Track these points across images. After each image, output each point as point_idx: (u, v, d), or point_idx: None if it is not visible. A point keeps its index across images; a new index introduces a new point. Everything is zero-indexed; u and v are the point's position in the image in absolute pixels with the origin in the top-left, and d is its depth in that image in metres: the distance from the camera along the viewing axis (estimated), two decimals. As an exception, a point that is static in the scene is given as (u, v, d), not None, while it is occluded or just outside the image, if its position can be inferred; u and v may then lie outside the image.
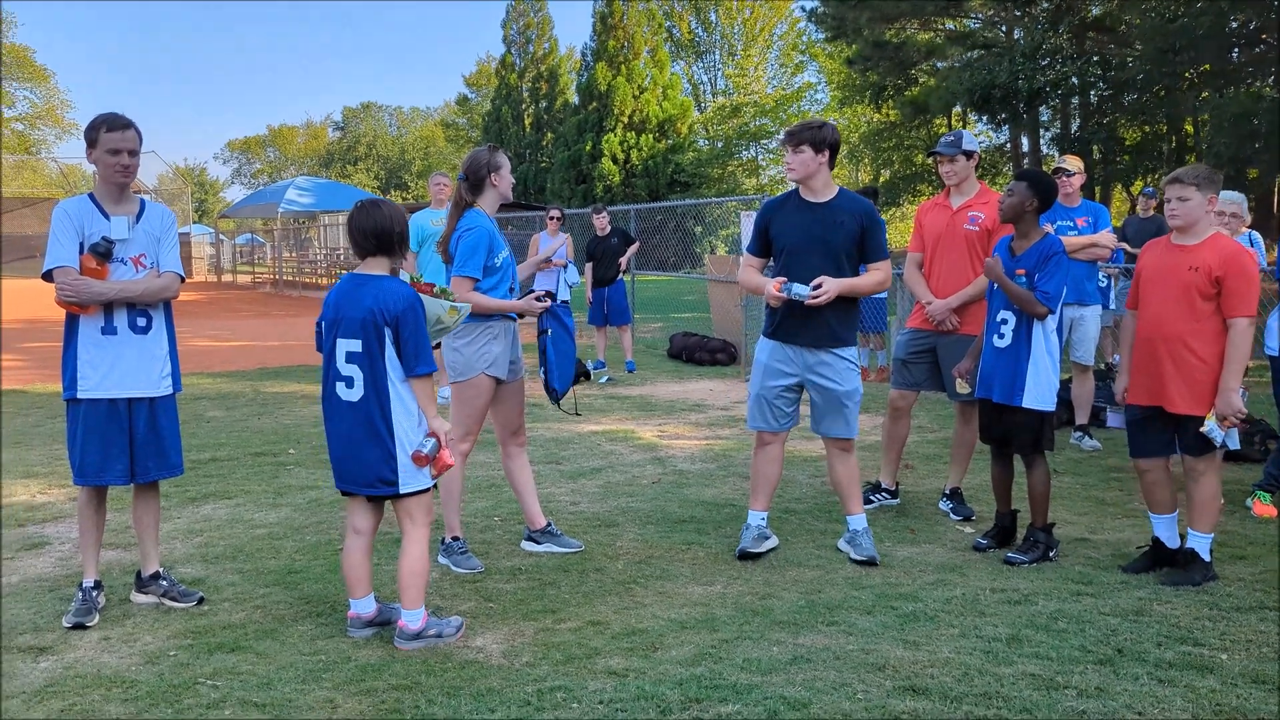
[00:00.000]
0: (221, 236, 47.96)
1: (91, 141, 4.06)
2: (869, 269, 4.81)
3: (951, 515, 5.69)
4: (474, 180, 4.69)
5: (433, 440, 3.81)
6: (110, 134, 4.03)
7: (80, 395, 4.07)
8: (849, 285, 4.69)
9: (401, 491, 3.80)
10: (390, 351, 3.74)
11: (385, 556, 4.72)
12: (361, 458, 3.77)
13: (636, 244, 12.25)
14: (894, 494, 5.96)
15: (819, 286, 4.59)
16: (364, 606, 3.95)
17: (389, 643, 3.84)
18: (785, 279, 4.68)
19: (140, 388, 4.14)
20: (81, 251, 4.01)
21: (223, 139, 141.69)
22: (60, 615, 4.08)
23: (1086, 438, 7.53)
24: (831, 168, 4.79)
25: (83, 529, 4.24)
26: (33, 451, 7.27)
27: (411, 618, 3.81)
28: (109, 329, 4.08)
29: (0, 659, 3.54)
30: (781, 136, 5.04)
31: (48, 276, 4.01)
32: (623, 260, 11.93)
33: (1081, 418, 7.62)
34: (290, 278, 35.32)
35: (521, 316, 4.83)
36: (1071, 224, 7.22)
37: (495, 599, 4.35)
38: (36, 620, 4.07)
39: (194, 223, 53.56)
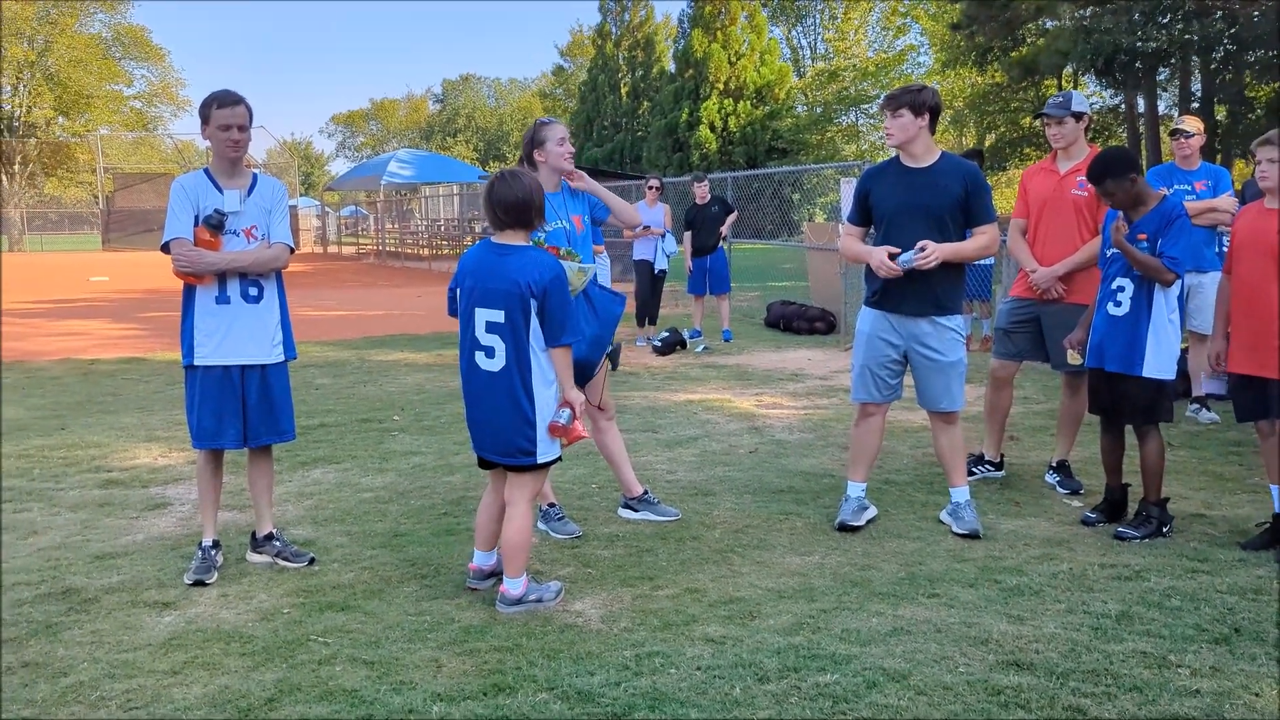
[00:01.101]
0: (327, 209, 49.22)
1: (205, 118, 4.19)
2: (974, 233, 4.67)
3: (1058, 489, 5.54)
4: (526, 155, 4.70)
5: (567, 411, 3.84)
6: (221, 110, 4.16)
7: (196, 362, 4.24)
8: (953, 250, 4.57)
9: (539, 462, 3.84)
10: (534, 322, 3.76)
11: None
12: (501, 427, 3.82)
13: (735, 214, 12.14)
14: (998, 466, 5.83)
15: (924, 249, 4.49)
16: (486, 560, 4.09)
17: (491, 605, 3.92)
18: (894, 249, 4.57)
19: (252, 355, 4.28)
20: (196, 224, 4.16)
21: (327, 113, 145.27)
22: (182, 572, 4.27)
23: (1204, 410, 7.24)
24: (933, 132, 4.67)
25: (201, 491, 4.42)
26: (154, 416, 7.60)
27: (513, 584, 3.88)
28: (222, 298, 4.23)
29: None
30: (880, 101, 4.93)
31: (165, 248, 4.17)
32: (723, 229, 11.85)
33: (1198, 389, 7.33)
34: (393, 248, 36.09)
35: None
36: (1190, 188, 6.92)
37: (593, 565, 4.40)
38: (160, 577, 4.27)
39: (300, 195, 55.08)
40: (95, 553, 4.56)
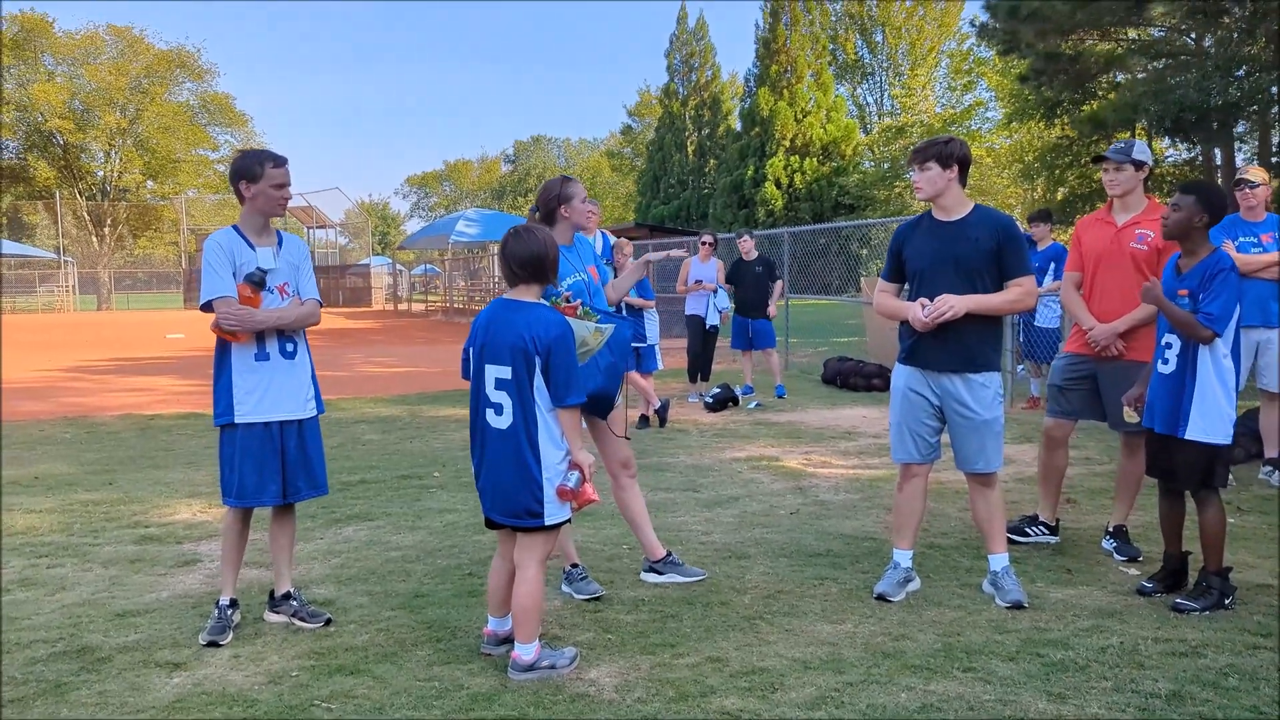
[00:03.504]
0: (400, 267, 50.24)
1: (253, 176, 4.17)
2: (1007, 286, 4.48)
3: (1115, 555, 5.24)
4: (545, 211, 4.65)
5: (576, 474, 3.73)
6: (276, 169, 4.20)
7: (237, 420, 4.21)
8: (976, 302, 4.39)
9: (546, 524, 3.73)
10: (539, 380, 3.69)
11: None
12: (509, 487, 3.73)
13: (780, 283, 11.83)
14: (1053, 530, 5.55)
15: (936, 303, 4.35)
16: (501, 625, 3.98)
17: (504, 671, 3.78)
18: (928, 302, 4.42)
19: (290, 410, 4.27)
20: (236, 281, 4.16)
21: (402, 174, 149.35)
22: (198, 631, 4.21)
23: (1277, 472, 6.85)
24: (963, 184, 4.52)
25: (227, 549, 4.36)
26: (200, 472, 7.66)
27: (525, 650, 3.75)
28: (261, 355, 4.22)
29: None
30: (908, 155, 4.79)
31: (207, 307, 4.17)
32: (771, 309, 11.59)
33: (1271, 450, 6.94)
34: (460, 305, 36.60)
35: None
36: (1255, 240, 6.62)
37: (614, 630, 4.25)
38: (176, 636, 4.22)
39: (374, 254, 56.33)
40: (118, 610, 4.54)
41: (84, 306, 45.94)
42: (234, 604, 4.31)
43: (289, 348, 4.29)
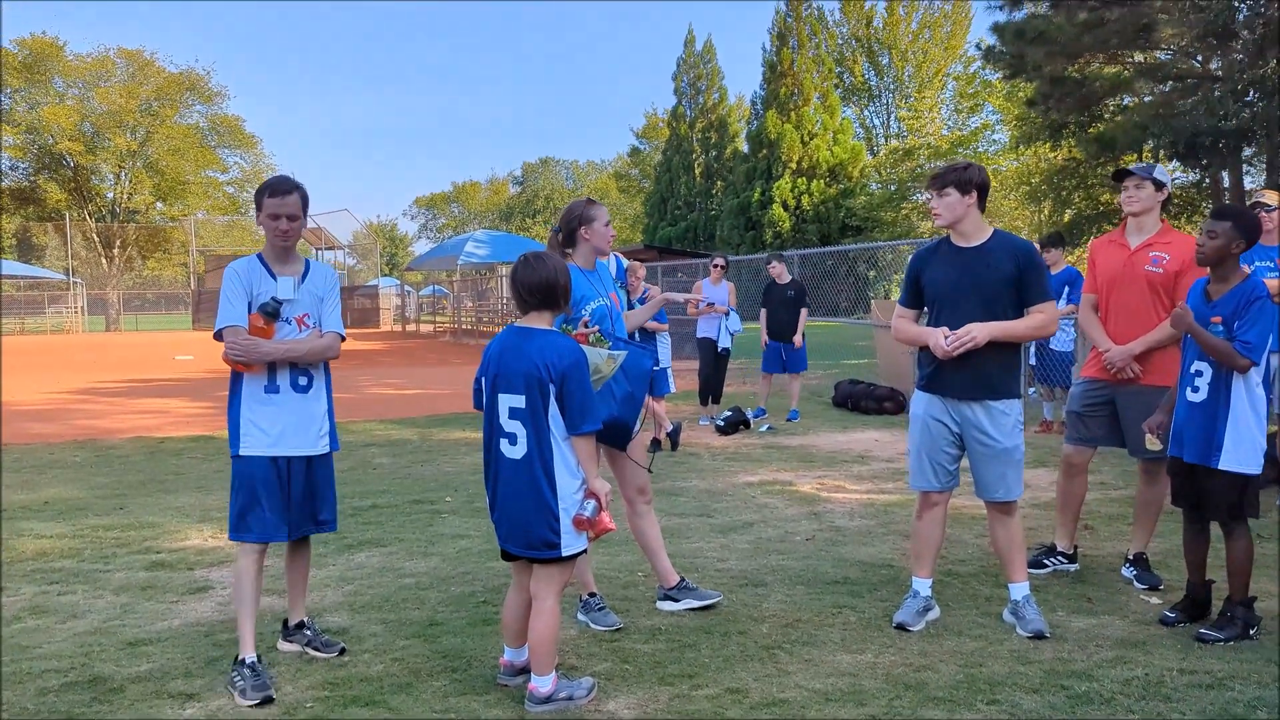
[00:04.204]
0: (408, 288, 50.35)
1: (258, 205, 4.14)
2: (1029, 312, 4.44)
3: (1136, 584, 5.18)
4: (566, 231, 4.62)
5: (593, 502, 3.68)
6: (271, 199, 4.06)
7: (243, 452, 4.08)
8: (1000, 330, 4.36)
9: (563, 555, 3.67)
10: (554, 408, 3.65)
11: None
12: (524, 519, 3.67)
13: (805, 310, 11.82)
14: (1071, 558, 5.49)
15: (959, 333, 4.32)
16: (517, 655, 3.93)
17: (520, 702, 3.74)
18: (949, 331, 4.39)
19: (299, 446, 4.12)
20: (250, 311, 4.08)
21: (410, 195, 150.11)
22: (212, 661, 4.15)
23: (1296, 499, 6.78)
24: (982, 209, 4.49)
25: (240, 594, 4.03)
26: (211, 496, 7.64)
27: (541, 682, 3.70)
28: (272, 388, 4.09)
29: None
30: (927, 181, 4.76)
31: (218, 336, 4.07)
32: (798, 339, 11.58)
33: (1291, 476, 6.88)
34: (469, 326, 36.64)
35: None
36: (1271, 265, 6.58)
37: (632, 660, 4.19)
38: (189, 665, 4.17)
39: (382, 275, 56.47)
40: (130, 639, 4.49)
41: (92, 327, 46.10)
42: (259, 662, 3.98)
43: (302, 381, 4.15)
